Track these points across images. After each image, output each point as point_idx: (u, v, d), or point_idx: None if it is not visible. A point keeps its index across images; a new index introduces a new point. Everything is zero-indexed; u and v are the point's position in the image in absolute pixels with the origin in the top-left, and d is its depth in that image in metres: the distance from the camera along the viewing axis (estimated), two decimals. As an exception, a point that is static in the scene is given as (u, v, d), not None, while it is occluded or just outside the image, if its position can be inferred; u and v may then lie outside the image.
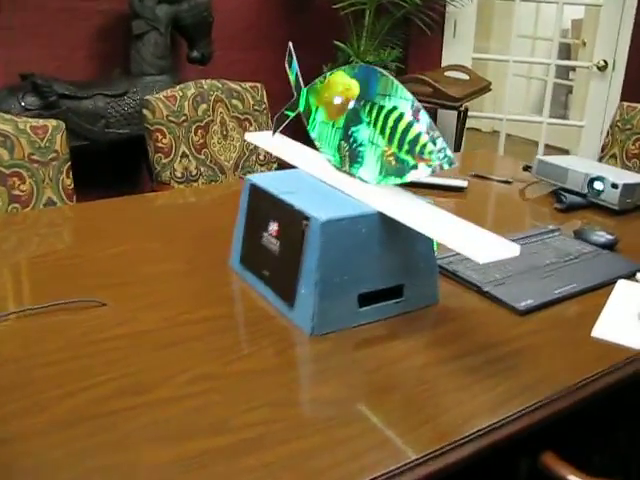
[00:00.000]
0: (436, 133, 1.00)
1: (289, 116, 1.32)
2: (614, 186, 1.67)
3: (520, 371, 0.96)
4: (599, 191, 1.70)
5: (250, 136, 1.42)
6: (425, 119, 1.02)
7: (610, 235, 1.44)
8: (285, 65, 1.32)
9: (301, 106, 1.28)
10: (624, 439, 1.14)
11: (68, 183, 1.76)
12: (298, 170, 1.25)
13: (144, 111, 2.03)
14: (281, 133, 1.37)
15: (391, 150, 1.06)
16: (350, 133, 1.15)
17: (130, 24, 2.82)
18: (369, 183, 1.12)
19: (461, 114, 3.50)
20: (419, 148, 1.02)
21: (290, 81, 1.31)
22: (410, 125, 1.03)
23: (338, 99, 1.17)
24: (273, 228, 1.12)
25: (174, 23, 2.90)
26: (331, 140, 1.20)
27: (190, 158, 2.12)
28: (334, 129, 1.19)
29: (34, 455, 0.76)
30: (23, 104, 2.52)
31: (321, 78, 1.22)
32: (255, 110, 2.28)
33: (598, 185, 1.70)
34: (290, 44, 1.31)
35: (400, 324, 1.08)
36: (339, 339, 1.03)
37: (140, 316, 1.08)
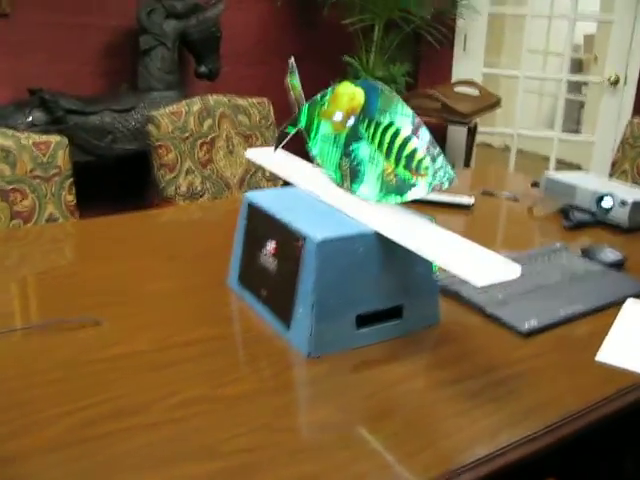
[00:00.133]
0: (437, 151, 0.98)
1: (290, 132, 1.30)
2: (623, 203, 1.64)
3: (522, 395, 0.94)
4: (608, 209, 1.67)
5: (251, 153, 1.40)
6: (425, 136, 1.00)
7: (618, 253, 1.41)
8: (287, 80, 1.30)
9: (302, 122, 1.27)
10: (630, 466, 1.11)
11: (70, 199, 1.75)
12: (297, 188, 1.23)
13: (149, 126, 2.02)
14: (284, 149, 1.35)
15: (391, 168, 1.04)
16: (350, 150, 1.13)
17: (138, 39, 2.83)
18: (369, 201, 1.10)
19: (471, 130, 3.49)
20: (415, 163, 1.00)
21: (291, 96, 1.29)
22: (407, 140, 1.01)
23: (339, 115, 1.15)
24: (271, 247, 1.10)
25: (182, 38, 2.90)
26: (332, 157, 1.18)
27: (195, 173, 2.11)
28: (335, 146, 1.17)
29: (34, 475, 0.75)
30: (30, 119, 2.52)
31: (322, 93, 1.21)
32: (261, 126, 2.27)
33: (607, 202, 1.67)
34: (292, 58, 1.29)
35: (399, 346, 1.06)
36: (337, 361, 1.00)
37: (136, 336, 1.06)
